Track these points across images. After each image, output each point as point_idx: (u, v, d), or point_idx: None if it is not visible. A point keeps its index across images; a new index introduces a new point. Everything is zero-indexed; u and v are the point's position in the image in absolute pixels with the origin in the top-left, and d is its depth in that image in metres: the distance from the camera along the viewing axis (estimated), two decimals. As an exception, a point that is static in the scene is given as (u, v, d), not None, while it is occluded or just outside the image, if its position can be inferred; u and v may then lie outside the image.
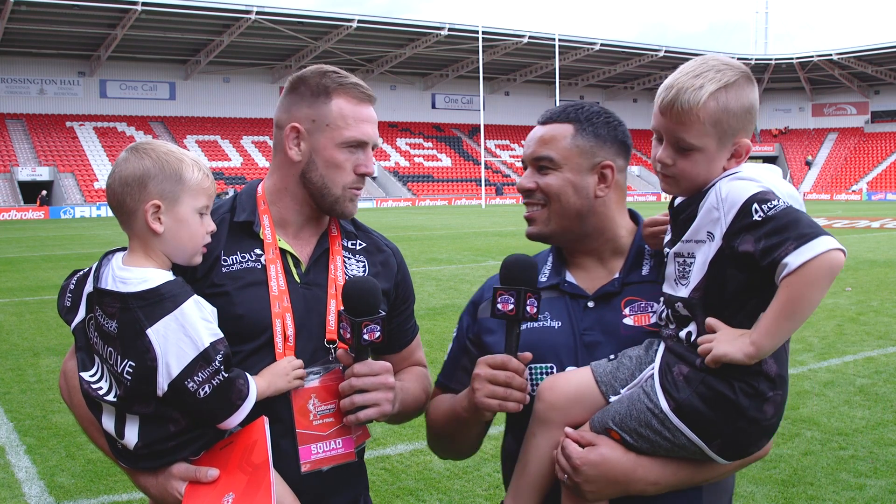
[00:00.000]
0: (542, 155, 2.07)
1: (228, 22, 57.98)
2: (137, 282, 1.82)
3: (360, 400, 1.99)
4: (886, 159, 76.84)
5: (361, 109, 2.13)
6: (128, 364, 1.80)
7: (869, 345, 9.61)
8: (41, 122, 61.69)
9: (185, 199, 1.91)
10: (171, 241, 1.91)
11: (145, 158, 1.89)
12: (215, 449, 1.92)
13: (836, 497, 5.19)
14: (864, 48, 72.76)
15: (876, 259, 19.06)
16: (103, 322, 1.83)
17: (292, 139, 2.14)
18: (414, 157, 72.68)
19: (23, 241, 28.90)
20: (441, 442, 2.30)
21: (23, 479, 5.75)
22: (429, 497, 5.31)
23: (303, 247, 2.20)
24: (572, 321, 2.08)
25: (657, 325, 1.99)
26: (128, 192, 1.89)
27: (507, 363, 1.94)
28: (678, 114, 1.81)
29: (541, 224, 2.11)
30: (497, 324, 2.13)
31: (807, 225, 1.68)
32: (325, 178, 2.13)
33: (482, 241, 25.46)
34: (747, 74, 1.86)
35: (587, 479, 1.84)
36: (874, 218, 37.09)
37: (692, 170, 1.85)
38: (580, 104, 2.14)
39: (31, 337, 10.74)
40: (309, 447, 2.00)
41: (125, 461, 1.92)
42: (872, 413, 6.95)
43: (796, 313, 1.68)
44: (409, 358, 2.41)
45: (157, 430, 1.85)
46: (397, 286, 2.34)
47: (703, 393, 1.77)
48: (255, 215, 2.17)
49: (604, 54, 71.47)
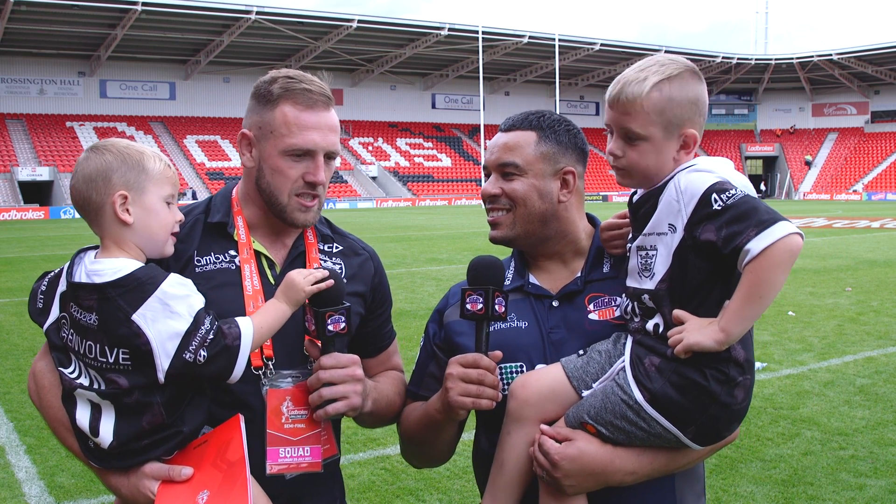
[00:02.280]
0: (508, 161, 2.13)
1: (228, 22, 58.00)
2: (112, 271, 1.81)
3: (327, 393, 1.96)
4: (886, 159, 76.83)
5: (307, 116, 2.06)
6: (120, 353, 1.79)
7: (869, 345, 9.61)
8: (41, 122, 61.70)
9: (150, 188, 1.91)
10: (142, 231, 1.90)
11: (106, 154, 1.90)
12: (189, 448, 1.90)
13: (836, 497, 5.18)
14: (864, 48, 72.76)
15: (876, 259, 19.05)
16: (80, 317, 1.81)
17: (244, 145, 2.15)
18: (414, 157, 72.68)
19: (23, 241, 28.90)
20: (414, 449, 2.33)
21: (23, 479, 5.75)
22: (429, 497, 5.31)
23: (278, 249, 2.19)
24: (538, 320, 2.13)
25: (622, 319, 2.04)
26: (93, 188, 1.89)
27: (479, 361, 1.98)
28: (623, 104, 1.90)
29: (506, 228, 2.17)
30: (467, 325, 2.16)
31: (765, 212, 1.75)
32: (272, 185, 2.10)
33: (482, 241, 25.45)
34: (692, 69, 1.94)
35: (566, 473, 1.88)
36: (874, 218, 37.09)
37: (641, 160, 1.92)
38: (541, 112, 2.20)
39: (31, 337, 10.73)
40: (277, 449, 1.96)
41: (96, 460, 1.89)
42: (872, 413, 6.95)
43: (761, 296, 1.75)
44: (386, 363, 2.40)
45: (132, 426, 1.82)
46: (374, 290, 2.32)
47: (676, 382, 1.83)
48: (229, 216, 2.17)
49: (604, 54, 71.49)
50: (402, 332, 11.47)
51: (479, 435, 2.24)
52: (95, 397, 1.83)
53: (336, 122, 2.14)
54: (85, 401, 1.86)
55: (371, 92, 74.68)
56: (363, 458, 6.02)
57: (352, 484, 5.53)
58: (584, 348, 2.03)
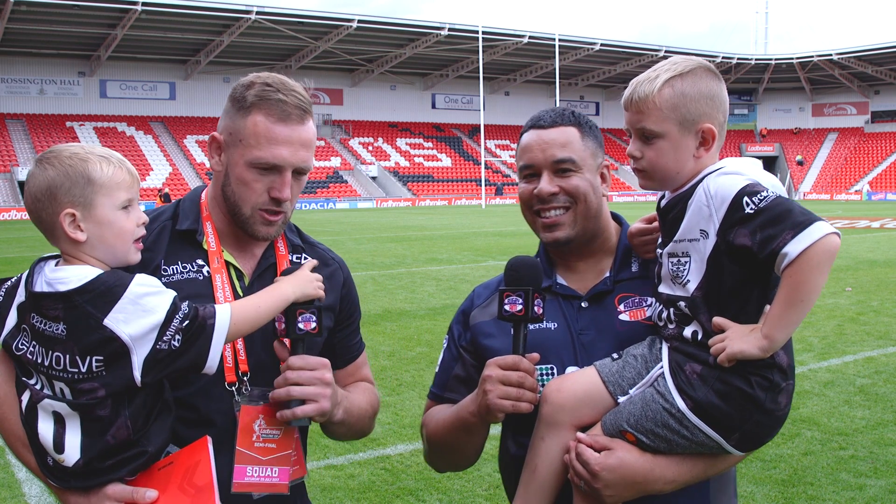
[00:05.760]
0: (564, 157, 2.07)
1: (228, 22, 57.97)
2: (77, 279, 1.75)
3: (296, 392, 1.88)
4: (886, 159, 76.81)
5: (278, 129, 1.96)
6: (93, 360, 1.72)
7: (869, 345, 9.61)
8: (41, 122, 61.68)
9: (99, 200, 1.80)
10: (98, 245, 1.82)
11: (48, 169, 1.80)
12: (153, 469, 1.83)
13: (836, 497, 5.19)
14: (864, 48, 72.72)
15: (876, 259, 19.05)
16: (45, 328, 1.74)
17: (214, 148, 2.06)
18: (414, 157, 72.66)
19: (23, 241, 28.88)
20: (442, 453, 2.26)
21: (23, 479, 5.75)
22: (429, 497, 5.31)
23: (247, 259, 2.12)
24: (568, 322, 2.09)
25: (650, 320, 2.01)
26: (41, 208, 1.80)
27: (519, 363, 1.93)
28: (637, 104, 1.89)
29: (567, 227, 2.10)
30: (496, 327, 2.13)
31: (800, 213, 1.70)
32: (236, 194, 2.02)
33: (482, 241, 25.44)
34: (707, 67, 1.92)
35: (607, 484, 1.84)
36: (874, 218, 37.08)
37: (659, 159, 1.90)
38: (568, 108, 2.16)
39: (31, 337, 10.73)
40: (245, 468, 1.89)
41: (55, 479, 1.81)
42: (872, 413, 6.95)
43: (803, 300, 1.71)
44: (356, 374, 2.34)
45: (97, 441, 1.76)
46: (342, 300, 2.26)
47: (721, 389, 1.79)
48: (198, 223, 2.09)
49: (604, 54, 71.48)
50: (402, 332, 11.47)
51: (505, 438, 2.19)
52: (65, 408, 1.75)
53: (310, 135, 2.02)
54: (48, 414, 1.77)
55: (371, 92, 74.66)
56: (363, 458, 6.02)
57: (352, 484, 5.54)
58: (618, 352, 1.98)
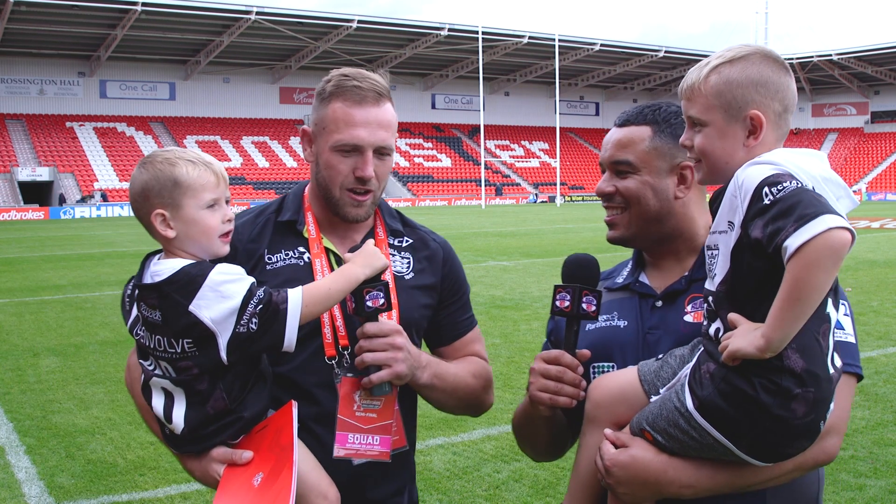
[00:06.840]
0: (620, 159, 2.06)
1: (228, 22, 58.04)
2: (167, 270, 1.95)
3: (369, 358, 2.02)
4: (886, 159, 76.86)
5: (355, 112, 2.14)
6: (185, 343, 1.93)
7: (869, 345, 9.58)
8: (41, 122, 61.73)
9: (185, 201, 2.00)
10: (187, 240, 2.01)
11: (143, 173, 2.01)
12: (252, 432, 2.03)
13: (836, 497, 5.18)
14: (864, 48, 72.78)
15: (876, 259, 19.04)
16: (148, 314, 1.96)
17: (306, 141, 2.26)
18: (414, 158, 72.73)
19: (23, 241, 28.90)
20: (521, 441, 2.33)
21: (23, 479, 5.75)
22: (429, 497, 5.30)
23: (346, 245, 2.23)
24: (639, 320, 2.08)
25: None
26: (138, 208, 2.03)
27: (560, 358, 1.96)
28: (685, 92, 1.86)
29: (622, 228, 2.10)
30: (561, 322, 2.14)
31: (809, 205, 1.57)
32: (326, 179, 2.19)
33: (482, 241, 25.45)
34: (764, 53, 1.84)
35: (617, 480, 1.82)
36: (874, 218, 37.06)
37: (706, 146, 1.83)
38: (657, 105, 2.12)
39: (31, 337, 10.72)
40: (346, 434, 2.06)
41: (173, 446, 2.06)
42: (872, 413, 6.94)
43: (800, 299, 1.58)
44: (464, 349, 2.42)
45: (199, 412, 1.97)
46: (444, 278, 2.37)
47: (724, 390, 1.71)
48: (299, 214, 2.28)
49: (604, 54, 71.50)
50: (402, 333, 11.37)
51: None
52: (169, 385, 1.98)
53: (388, 117, 2.18)
54: (159, 390, 2.01)
55: (371, 92, 74.69)
56: (363, 459, 6.02)
57: (352, 484, 5.53)
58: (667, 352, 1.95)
